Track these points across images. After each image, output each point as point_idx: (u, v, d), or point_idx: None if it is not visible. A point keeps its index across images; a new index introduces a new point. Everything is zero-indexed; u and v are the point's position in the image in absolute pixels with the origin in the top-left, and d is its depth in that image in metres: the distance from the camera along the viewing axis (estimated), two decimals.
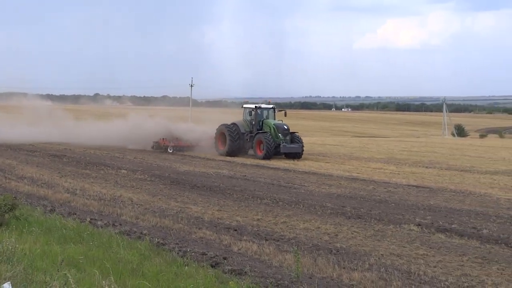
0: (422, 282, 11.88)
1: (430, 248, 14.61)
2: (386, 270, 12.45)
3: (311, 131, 76.64)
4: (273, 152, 36.54)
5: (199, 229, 16.13)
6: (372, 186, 25.19)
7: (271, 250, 13.90)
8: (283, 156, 37.15)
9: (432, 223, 17.27)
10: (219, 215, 18.24)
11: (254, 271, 12.13)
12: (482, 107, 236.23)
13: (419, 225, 16.99)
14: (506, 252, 14.43)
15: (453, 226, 16.96)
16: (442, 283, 11.75)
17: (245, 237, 15.27)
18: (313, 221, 17.48)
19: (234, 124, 39.08)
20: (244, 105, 40.96)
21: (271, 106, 40.92)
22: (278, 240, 15.12)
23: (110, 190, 22.56)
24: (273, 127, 37.55)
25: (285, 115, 40.82)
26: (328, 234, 15.91)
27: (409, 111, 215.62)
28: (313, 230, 16.37)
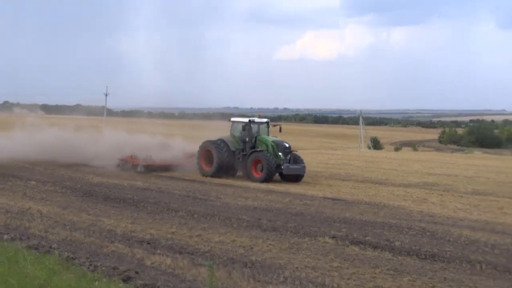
0: None
1: (344, 260, 14.66)
2: (300, 283, 12.40)
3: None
4: (274, 174, 31.43)
5: (111, 242, 15.69)
6: (289, 198, 25.23)
7: (185, 264, 13.64)
8: (280, 178, 32.05)
9: (347, 236, 17.38)
10: (132, 228, 17.81)
11: (167, 285, 11.86)
12: (397, 121, 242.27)
13: (334, 237, 17.06)
14: (417, 263, 14.64)
15: (367, 238, 17.12)
16: None
17: (158, 251, 14.95)
18: (228, 234, 17.30)
19: (221, 140, 33.32)
20: (233, 119, 35.24)
21: (265, 120, 34.88)
22: (192, 254, 14.86)
23: (18, 202, 21.69)
24: (271, 145, 32.24)
25: (280, 130, 35.91)
26: (244, 247, 15.76)
27: (327, 123, 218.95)
28: (229, 243, 16.19)
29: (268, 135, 33.92)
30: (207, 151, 33.44)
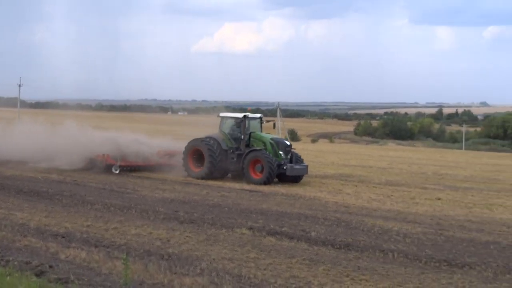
0: (252, 285, 11.97)
1: (261, 251, 14.79)
2: (217, 274, 12.43)
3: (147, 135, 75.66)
4: (275, 175, 28.38)
5: (24, 236, 15.32)
6: (206, 190, 25.26)
7: (100, 257, 13.45)
8: (277, 180, 28.90)
9: (264, 227, 17.54)
10: (46, 221, 17.43)
11: (82, 279, 11.65)
12: (314, 113, 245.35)
13: (251, 228, 17.19)
14: (332, 253, 14.93)
15: (283, 229, 17.33)
16: (271, 285, 11.90)
17: (73, 244, 14.70)
18: (145, 226, 17.16)
19: (211, 138, 29.75)
20: (222, 114, 31.44)
21: (258, 116, 31.38)
22: (108, 247, 14.67)
23: None
24: (269, 143, 29.14)
25: (274, 127, 34.11)
26: (160, 239, 15.68)
27: None
28: (145, 235, 16.07)
29: (261, 131, 30.74)
30: (196, 150, 29.93)
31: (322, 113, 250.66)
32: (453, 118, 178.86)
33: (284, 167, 28.52)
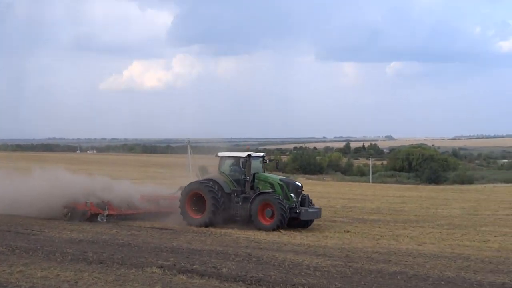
0: None
1: None
2: None
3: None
4: (287, 219, 25.85)
5: None
6: (116, 229, 24.85)
7: None
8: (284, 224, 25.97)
9: (174, 265, 17.37)
10: None
11: None
12: (225, 149, 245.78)
13: (162, 267, 16.98)
14: None
15: (194, 266, 17.21)
16: None
17: None
18: (52, 268, 16.67)
19: (211, 180, 27.22)
20: (221, 153, 28.81)
21: (261, 154, 29.19)
22: None
23: None
24: (278, 184, 26.82)
25: (277, 166, 32.19)
26: (68, 281, 15.26)
27: (156, 153, 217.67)
28: (52, 278, 15.60)
29: (264, 172, 28.46)
30: (195, 195, 27.02)
31: (232, 149, 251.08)
32: (360, 151, 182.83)
33: (297, 211, 26.11)
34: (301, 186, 27.41)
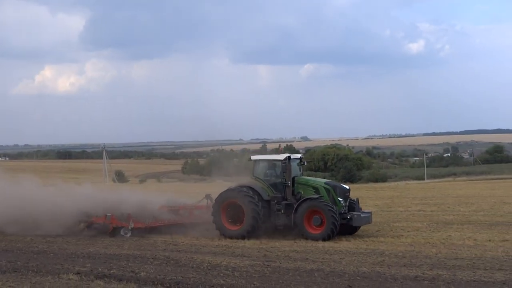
0: None
1: None
2: None
3: None
4: (338, 227, 23.62)
5: None
6: (30, 237, 24.25)
7: None
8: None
9: (91, 270, 17.12)
10: None
11: None
12: (141, 153, 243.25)
13: (78, 273, 16.70)
14: None
15: (112, 271, 17.00)
16: None
17: None
18: None
19: (248, 187, 24.62)
20: (255, 157, 26.02)
21: (298, 156, 26.49)
22: None
23: None
24: (324, 188, 24.43)
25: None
26: None
27: (71, 158, 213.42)
28: None
29: (301, 175, 26.13)
30: (231, 203, 24.60)
31: (149, 153, 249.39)
32: (276, 153, 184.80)
33: (348, 216, 24.00)
34: (349, 189, 25.12)
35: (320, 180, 25.63)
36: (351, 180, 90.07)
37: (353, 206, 24.55)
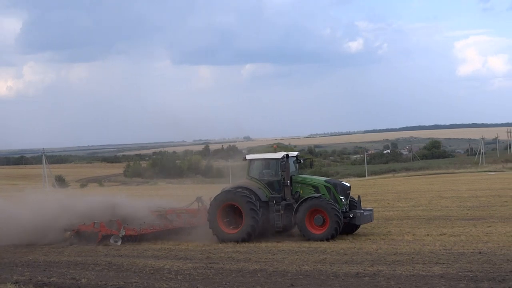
0: None
1: None
2: None
3: None
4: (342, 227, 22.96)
5: None
6: None
7: None
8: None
9: (30, 279, 16.82)
10: None
11: None
12: (82, 157, 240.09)
13: (17, 282, 16.38)
14: None
15: (52, 279, 16.74)
16: None
17: None
18: None
19: (245, 188, 23.77)
20: (250, 156, 25.09)
21: (295, 154, 25.48)
22: None
23: None
24: (324, 187, 23.66)
25: (311, 166, 27.80)
26: None
27: (9, 164, 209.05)
28: None
29: (298, 173, 25.17)
30: (228, 206, 23.78)
31: (90, 157, 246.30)
32: (219, 153, 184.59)
33: (350, 215, 23.34)
34: (350, 187, 24.33)
35: (319, 178, 24.58)
36: None
37: (353, 204, 23.87)
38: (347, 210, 23.51)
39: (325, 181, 24.08)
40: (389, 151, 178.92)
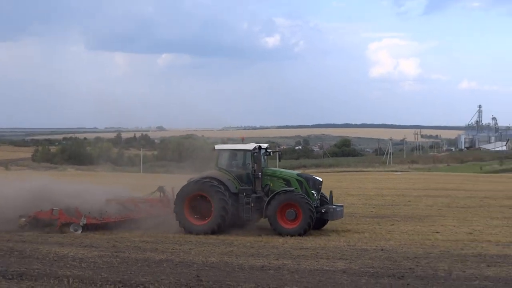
0: None
1: None
2: None
3: None
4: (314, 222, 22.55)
5: None
6: None
7: None
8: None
9: None
10: None
11: None
12: None
13: None
14: (4, 284, 14.30)
15: None
16: None
17: None
18: None
19: (214, 179, 23.06)
20: (219, 146, 24.78)
21: (265, 146, 24.58)
22: None
23: None
24: (296, 180, 23.31)
25: (279, 158, 25.02)
26: None
27: None
28: None
29: (267, 165, 24.67)
30: (196, 197, 23.13)
31: None
32: (131, 142, 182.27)
33: (323, 210, 23.02)
34: (321, 181, 23.99)
35: (290, 172, 24.42)
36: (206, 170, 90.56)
37: (324, 199, 23.72)
38: (318, 205, 23.20)
39: (297, 174, 23.89)
40: (300, 147, 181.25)
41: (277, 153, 23.77)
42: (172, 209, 23.53)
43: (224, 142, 28.22)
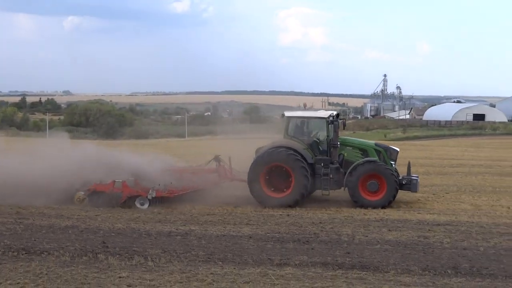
0: None
1: None
2: None
3: None
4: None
5: None
6: None
7: None
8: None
9: None
10: None
11: None
12: None
13: None
14: None
15: None
16: None
17: None
18: None
19: (289, 148, 21.46)
20: (289, 113, 22.97)
21: (335, 113, 23.13)
22: None
23: None
24: (375, 150, 22.08)
25: (344, 127, 23.49)
26: None
27: None
28: None
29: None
30: (274, 168, 21.53)
31: None
32: (37, 107, 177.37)
33: (404, 182, 21.73)
34: (398, 151, 22.75)
35: (366, 142, 23.21)
36: (113, 136, 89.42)
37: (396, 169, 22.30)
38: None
39: (376, 144, 22.81)
40: (209, 113, 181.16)
41: (343, 121, 23.29)
42: (229, 179, 23.04)
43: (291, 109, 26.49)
